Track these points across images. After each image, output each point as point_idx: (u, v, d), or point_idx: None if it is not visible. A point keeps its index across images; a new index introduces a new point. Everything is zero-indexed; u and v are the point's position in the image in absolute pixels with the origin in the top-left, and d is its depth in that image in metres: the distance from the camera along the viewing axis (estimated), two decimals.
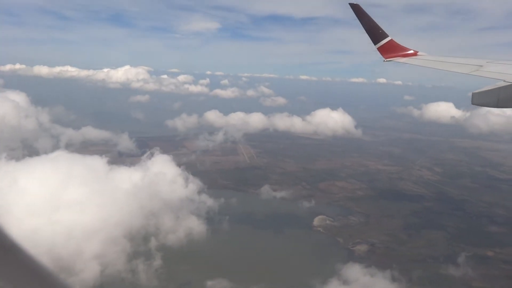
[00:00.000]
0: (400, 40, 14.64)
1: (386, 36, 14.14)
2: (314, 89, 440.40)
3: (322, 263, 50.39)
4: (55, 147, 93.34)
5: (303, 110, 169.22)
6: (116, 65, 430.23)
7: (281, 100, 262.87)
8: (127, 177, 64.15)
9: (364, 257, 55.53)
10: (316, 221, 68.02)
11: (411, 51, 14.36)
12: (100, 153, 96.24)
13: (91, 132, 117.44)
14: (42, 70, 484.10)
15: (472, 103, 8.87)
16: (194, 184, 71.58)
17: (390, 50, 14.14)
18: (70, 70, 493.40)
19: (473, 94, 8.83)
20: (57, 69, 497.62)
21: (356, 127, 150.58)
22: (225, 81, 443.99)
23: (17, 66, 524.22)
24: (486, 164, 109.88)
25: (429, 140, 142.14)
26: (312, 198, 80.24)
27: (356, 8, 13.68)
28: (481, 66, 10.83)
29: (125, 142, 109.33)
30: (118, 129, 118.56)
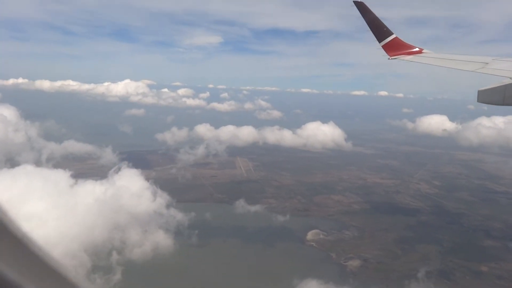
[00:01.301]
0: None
1: (390, 33, 14.06)
2: (313, 102, 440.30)
3: (311, 279, 49.63)
4: (37, 161, 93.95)
5: (296, 123, 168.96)
6: (119, 79, 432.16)
7: (276, 114, 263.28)
8: (92, 191, 63.85)
9: (356, 273, 54.78)
10: (310, 235, 67.33)
11: (416, 49, 14.24)
12: (79, 166, 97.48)
13: (73, 146, 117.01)
14: (44, 84, 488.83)
15: (478, 101, 8.80)
16: (163, 198, 70.82)
17: (395, 48, 14.07)
18: (72, 84, 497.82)
19: (479, 92, 8.75)
20: (59, 83, 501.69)
21: (346, 139, 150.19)
22: (225, 95, 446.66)
23: (20, 80, 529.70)
24: (485, 177, 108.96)
25: (425, 153, 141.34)
26: (307, 211, 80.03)
27: (360, 6, 13.61)
28: (487, 63, 10.71)
29: (108, 156, 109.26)
30: (106, 142, 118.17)
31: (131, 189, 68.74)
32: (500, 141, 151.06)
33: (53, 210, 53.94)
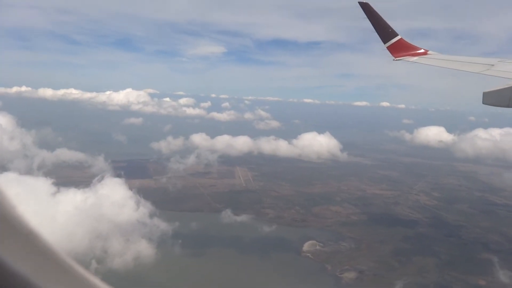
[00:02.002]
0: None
1: (395, 35, 13.96)
2: (314, 112, 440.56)
3: None
4: (29, 169, 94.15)
5: (293, 134, 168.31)
6: (123, 88, 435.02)
7: (275, 124, 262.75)
8: (74, 200, 63.87)
9: (351, 285, 54.30)
10: (306, 246, 66.95)
11: (422, 50, 14.12)
12: (68, 175, 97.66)
13: (65, 154, 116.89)
14: (47, 92, 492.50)
15: (483, 103, 8.70)
16: (146, 208, 70.68)
17: (400, 49, 13.97)
18: (74, 93, 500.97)
19: (484, 94, 8.64)
20: (61, 91, 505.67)
21: (342, 150, 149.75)
22: (226, 104, 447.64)
23: (23, 88, 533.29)
24: (485, 189, 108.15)
25: (425, 164, 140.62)
26: (305, 222, 79.71)
27: (365, 7, 13.51)
28: (493, 65, 10.59)
29: (99, 164, 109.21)
30: (100, 151, 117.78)
31: (114, 198, 68.69)
32: (497, 153, 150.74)
33: (31, 218, 53.54)
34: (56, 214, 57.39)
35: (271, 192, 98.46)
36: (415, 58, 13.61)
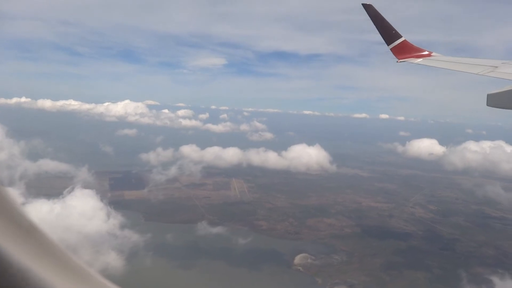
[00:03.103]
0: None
1: (399, 36, 13.84)
2: (311, 124, 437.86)
3: None
4: (11, 179, 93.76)
5: (285, 145, 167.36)
6: (124, 99, 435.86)
7: (268, 135, 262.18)
8: (40, 211, 63.35)
9: None
10: (297, 259, 66.41)
11: (426, 52, 13.93)
12: (48, 185, 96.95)
13: (48, 165, 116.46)
14: (45, 103, 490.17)
15: (487, 105, 8.54)
16: (117, 219, 70.43)
17: (404, 50, 13.82)
18: (73, 104, 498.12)
19: (488, 96, 8.50)
20: (60, 102, 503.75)
21: (332, 162, 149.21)
22: (224, 116, 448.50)
23: (23, 99, 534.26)
24: (482, 202, 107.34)
25: (423, 176, 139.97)
26: (298, 234, 79.21)
27: (369, 9, 13.36)
28: (497, 67, 10.46)
29: (82, 175, 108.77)
30: (87, 162, 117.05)
31: (83, 209, 68.36)
32: (486, 166, 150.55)
33: None
34: None
35: (266, 204, 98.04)
36: (419, 60, 13.53)
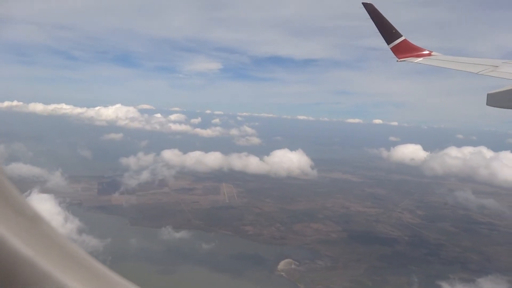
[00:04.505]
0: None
1: (399, 36, 13.84)
2: (303, 129, 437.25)
3: None
4: None
5: (270, 150, 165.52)
6: (120, 103, 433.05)
7: (255, 140, 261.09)
8: None
9: None
10: (281, 264, 66.05)
11: (426, 51, 13.97)
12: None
13: (21, 169, 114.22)
14: (37, 107, 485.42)
15: (487, 104, 8.55)
16: (74, 224, 69.96)
17: (404, 50, 13.85)
18: (64, 108, 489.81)
19: (488, 95, 8.50)
20: (52, 106, 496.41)
21: (312, 166, 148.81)
22: (217, 120, 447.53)
23: (14, 103, 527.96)
24: (470, 207, 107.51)
25: (413, 182, 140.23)
26: (284, 240, 78.89)
27: (369, 8, 13.40)
28: (497, 66, 10.46)
29: (55, 179, 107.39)
30: (62, 166, 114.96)
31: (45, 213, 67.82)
32: (466, 171, 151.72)
33: None
34: None
35: (254, 209, 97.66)
36: (419, 59, 13.53)
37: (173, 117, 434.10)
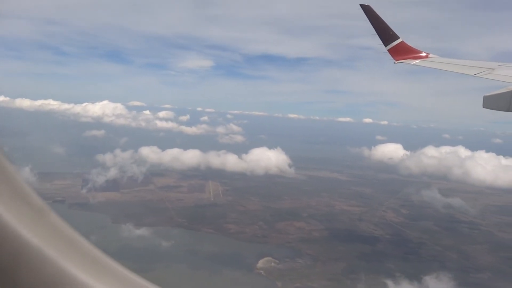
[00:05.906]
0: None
1: (397, 37, 13.81)
2: (291, 128, 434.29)
3: None
4: None
5: (249, 148, 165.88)
6: (110, 100, 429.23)
7: (239, 138, 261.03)
8: None
9: None
10: (261, 263, 65.90)
11: (423, 54, 13.95)
12: None
13: None
14: (24, 103, 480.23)
15: (483, 107, 8.52)
16: None
17: (401, 52, 13.83)
18: (52, 104, 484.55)
19: (484, 98, 8.49)
20: (39, 102, 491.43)
21: (290, 165, 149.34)
22: (205, 118, 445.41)
23: (1, 98, 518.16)
24: (454, 206, 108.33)
25: (399, 180, 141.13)
26: (266, 238, 78.75)
27: (366, 9, 13.36)
28: (493, 69, 10.49)
29: (24, 176, 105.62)
30: (34, 162, 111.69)
31: None
32: (442, 171, 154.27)
33: None
34: None
35: (239, 207, 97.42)
36: (416, 61, 13.50)
37: (161, 114, 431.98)
